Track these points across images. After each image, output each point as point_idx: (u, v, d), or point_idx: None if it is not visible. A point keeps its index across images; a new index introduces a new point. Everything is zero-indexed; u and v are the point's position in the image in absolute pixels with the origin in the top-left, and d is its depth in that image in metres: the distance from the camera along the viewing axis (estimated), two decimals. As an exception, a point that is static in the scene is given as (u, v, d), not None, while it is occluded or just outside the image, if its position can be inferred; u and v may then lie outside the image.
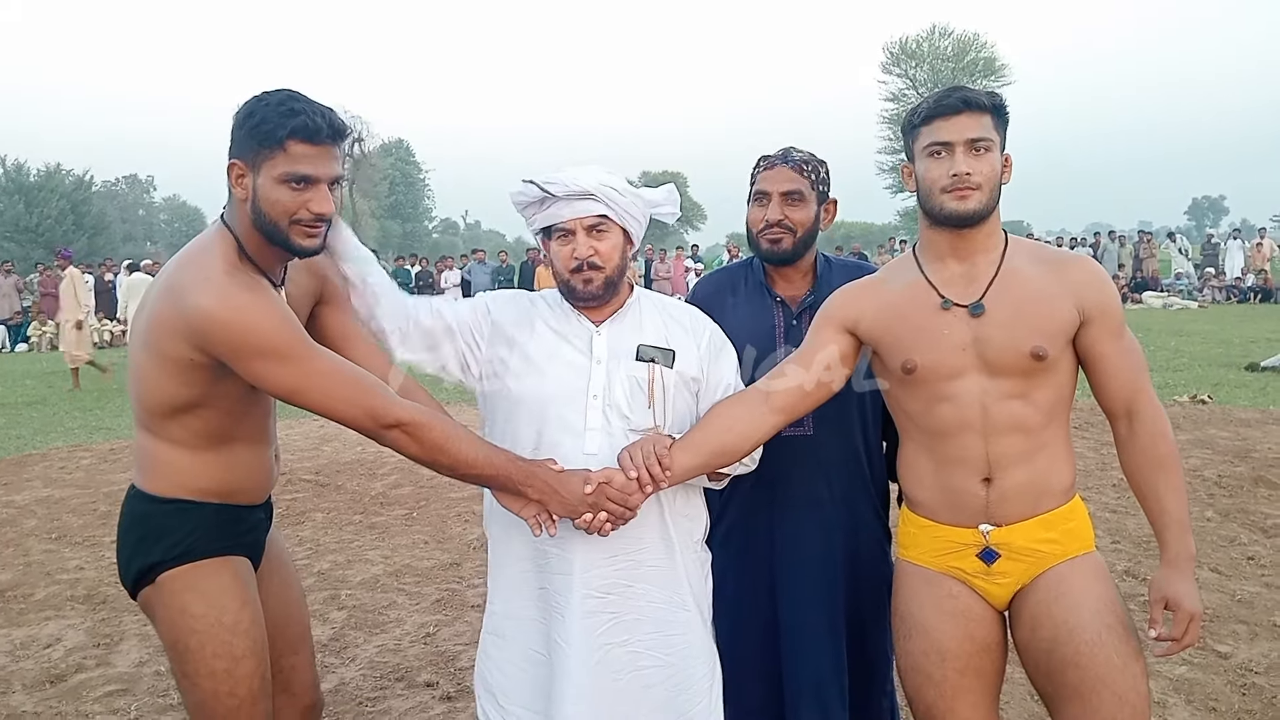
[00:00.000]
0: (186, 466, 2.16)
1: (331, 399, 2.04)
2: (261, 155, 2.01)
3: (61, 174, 57.28)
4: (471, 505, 6.60)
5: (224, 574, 2.19)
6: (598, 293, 2.26)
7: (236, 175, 2.06)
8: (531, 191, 2.25)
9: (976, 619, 2.21)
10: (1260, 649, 3.97)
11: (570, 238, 2.25)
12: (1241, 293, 25.15)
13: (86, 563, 5.62)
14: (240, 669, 2.16)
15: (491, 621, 2.35)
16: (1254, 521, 5.73)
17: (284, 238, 2.06)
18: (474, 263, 25.59)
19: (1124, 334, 2.18)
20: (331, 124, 2.04)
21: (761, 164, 2.70)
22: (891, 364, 2.24)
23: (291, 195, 2.02)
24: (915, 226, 11.44)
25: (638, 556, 2.25)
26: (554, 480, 2.13)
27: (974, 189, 2.11)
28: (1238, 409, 9.31)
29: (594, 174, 2.23)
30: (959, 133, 2.10)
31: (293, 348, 2.01)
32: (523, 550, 2.28)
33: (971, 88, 2.19)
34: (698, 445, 2.20)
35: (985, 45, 45.26)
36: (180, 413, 2.12)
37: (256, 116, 2.01)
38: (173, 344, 2.03)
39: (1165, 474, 2.14)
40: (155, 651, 4.28)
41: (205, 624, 2.14)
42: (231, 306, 1.97)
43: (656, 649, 2.23)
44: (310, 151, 2.01)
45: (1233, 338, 15.82)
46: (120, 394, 12.96)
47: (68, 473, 8.09)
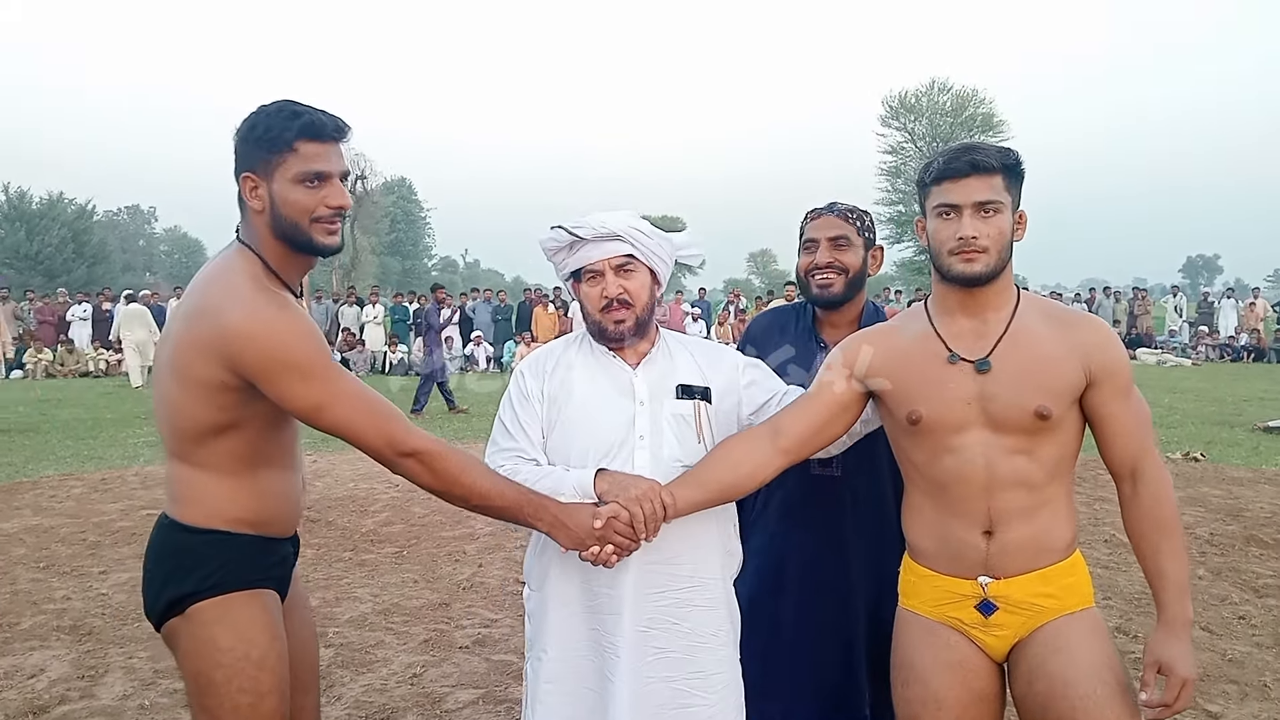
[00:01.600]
0: (220, 494, 2.13)
1: (352, 421, 2.05)
2: (272, 162, 2.05)
3: (64, 203, 57.48)
4: (462, 545, 6.58)
5: (254, 607, 2.15)
6: (628, 331, 2.33)
7: (250, 188, 2.09)
8: (561, 236, 2.33)
9: (973, 670, 2.21)
10: (1250, 709, 3.95)
11: (599, 278, 2.32)
12: (1235, 351, 25.27)
13: (74, 593, 5.58)
14: (264, 705, 2.12)
15: (546, 669, 2.33)
16: (1245, 581, 5.71)
17: (306, 238, 2.09)
18: (476, 301, 25.66)
19: (1131, 395, 2.18)
20: (334, 121, 2.09)
21: (809, 216, 2.80)
22: (898, 413, 2.25)
23: (308, 193, 2.06)
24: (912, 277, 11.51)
25: (686, 594, 2.29)
26: (562, 513, 2.17)
27: (981, 252, 2.12)
28: (1230, 467, 9.33)
29: (621, 217, 2.32)
30: (967, 195, 2.11)
31: (320, 365, 2.03)
32: (572, 594, 2.31)
33: (983, 145, 2.16)
34: (704, 482, 2.23)
35: (984, 100, 45.72)
36: (211, 437, 2.10)
37: (260, 126, 2.05)
38: (204, 366, 2.02)
39: (1166, 537, 2.14)
40: (140, 685, 4.24)
41: (233, 657, 2.10)
42: (262, 320, 1.99)
43: (701, 689, 2.28)
44: (320, 149, 2.06)
45: (1226, 396, 15.87)
46: (113, 424, 12.93)
47: (58, 501, 8.04)
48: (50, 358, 21.95)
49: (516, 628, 4.97)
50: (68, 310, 24.52)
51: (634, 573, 2.25)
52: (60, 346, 22.46)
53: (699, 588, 2.31)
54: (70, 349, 22.45)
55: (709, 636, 2.31)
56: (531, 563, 2.44)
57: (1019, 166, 2.16)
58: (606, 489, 2.20)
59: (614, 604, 2.26)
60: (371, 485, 8.45)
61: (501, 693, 4.19)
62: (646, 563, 2.26)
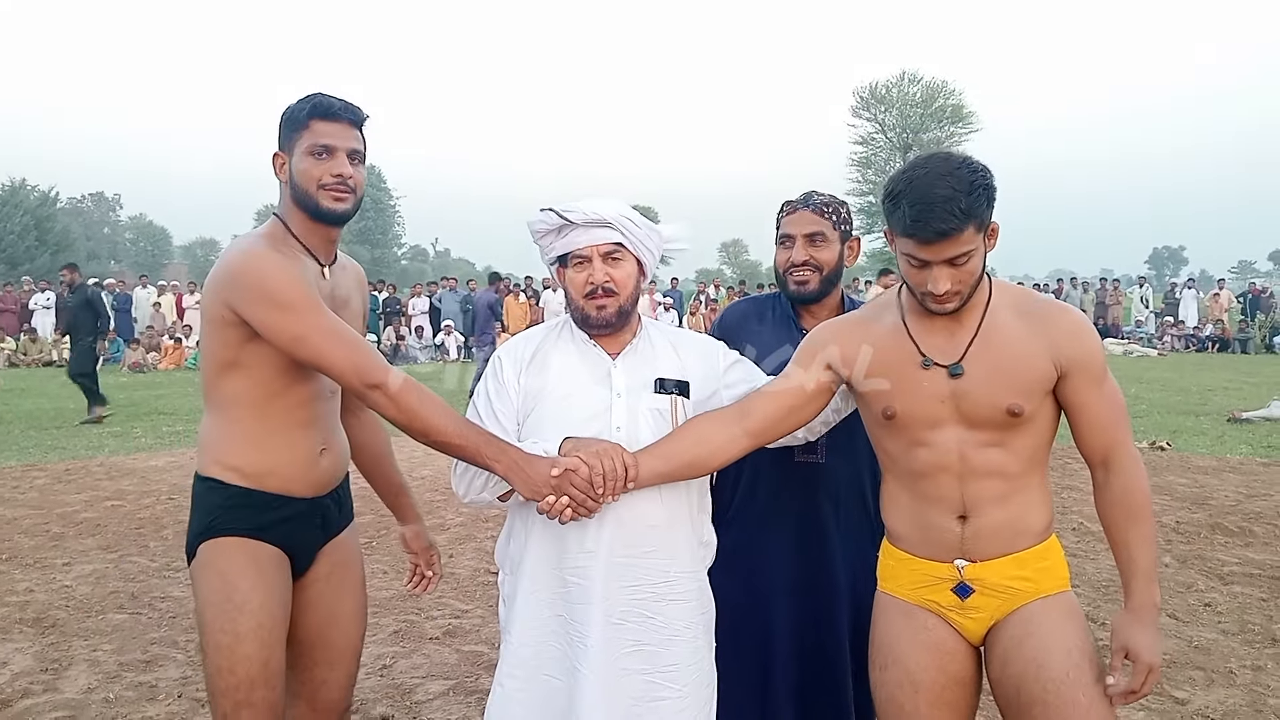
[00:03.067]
0: (220, 441, 2.34)
1: (326, 351, 2.20)
2: (292, 139, 2.34)
3: (26, 189, 56.56)
4: (433, 536, 6.53)
5: (239, 554, 2.28)
6: (611, 319, 2.32)
7: (279, 164, 2.38)
8: (551, 219, 2.31)
9: (950, 652, 2.22)
10: (1216, 695, 4.00)
11: (586, 264, 2.31)
12: (1200, 342, 25.60)
13: (37, 585, 5.49)
14: (241, 648, 2.22)
15: (511, 654, 2.30)
16: (1211, 568, 5.79)
17: (315, 203, 2.33)
18: (444, 290, 25.53)
19: (1104, 384, 2.18)
20: (347, 105, 2.36)
21: (785, 209, 2.78)
22: (873, 408, 2.25)
23: (315, 163, 2.32)
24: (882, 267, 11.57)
25: (660, 588, 2.27)
26: (523, 459, 2.18)
27: (955, 295, 2.09)
28: (1196, 456, 9.46)
29: (612, 204, 2.31)
30: (936, 254, 2.04)
31: (299, 300, 2.21)
32: (543, 579, 2.29)
33: (949, 197, 1.97)
34: (669, 455, 2.22)
35: (953, 93, 46.03)
36: (221, 374, 2.31)
37: (287, 114, 2.36)
38: (213, 304, 2.27)
39: (1137, 524, 2.15)
40: (105, 678, 4.19)
41: (218, 597, 2.25)
42: (250, 256, 2.24)
43: (674, 681, 2.26)
44: (329, 127, 2.32)
45: (1191, 386, 16.09)
46: (76, 414, 12.76)
47: (20, 492, 7.93)
48: (13, 347, 21.64)
49: (487, 618, 4.95)
50: (30, 299, 24.17)
51: (605, 562, 2.23)
52: (23, 335, 22.14)
53: (672, 581, 2.29)
54: (33, 338, 22.14)
55: (682, 629, 2.29)
56: (504, 547, 2.42)
57: (989, 199, 2.02)
58: (570, 449, 2.19)
59: (584, 593, 2.23)
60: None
61: (472, 684, 4.17)
62: (619, 555, 2.24)
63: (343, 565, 2.54)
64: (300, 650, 2.48)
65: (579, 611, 2.23)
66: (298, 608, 2.44)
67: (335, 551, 2.52)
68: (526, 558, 2.31)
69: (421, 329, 23.47)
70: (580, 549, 2.24)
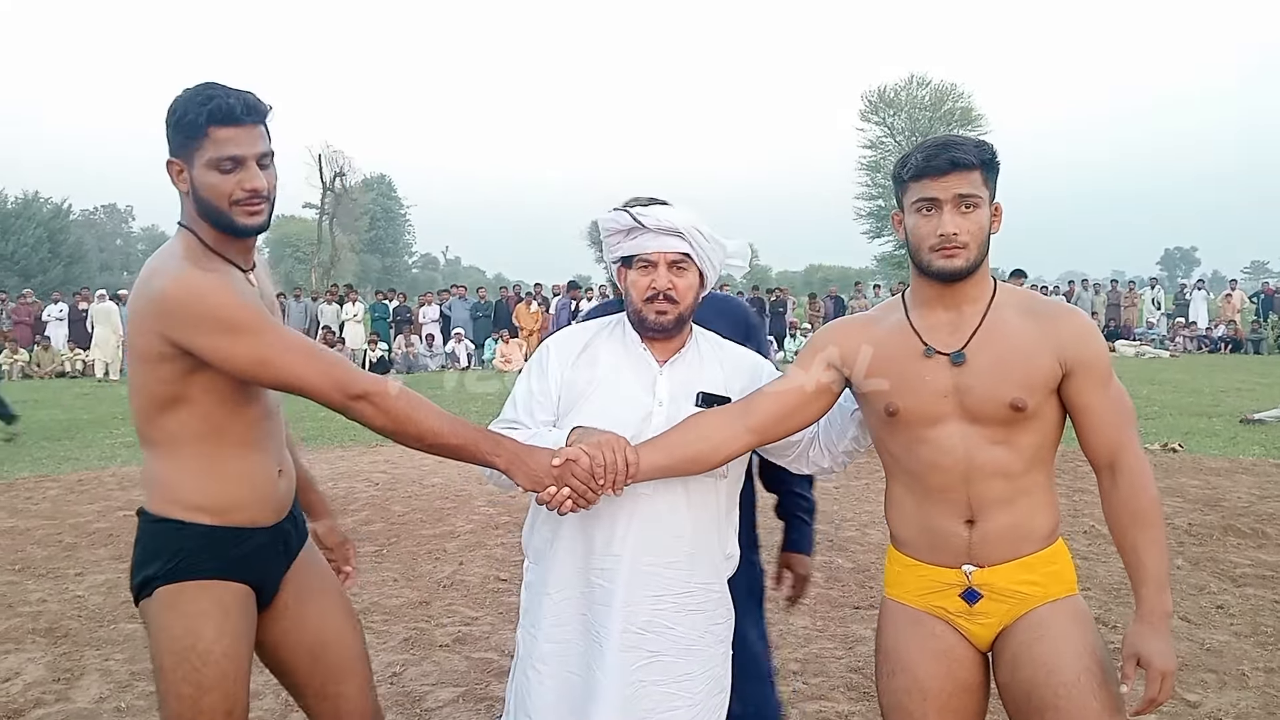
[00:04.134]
0: (175, 479, 2.17)
1: (296, 371, 2.07)
2: (190, 147, 2.09)
3: (39, 202, 56.91)
4: (442, 543, 6.55)
5: (204, 599, 2.15)
6: (669, 326, 2.34)
7: (176, 172, 2.14)
8: (623, 220, 2.33)
9: (958, 659, 2.21)
10: (1229, 698, 3.97)
11: (652, 269, 2.33)
12: (1212, 343, 25.47)
13: (49, 595, 5.51)
14: (205, 700, 2.12)
15: (534, 650, 2.33)
16: (1223, 570, 5.75)
17: (228, 220, 2.12)
18: (454, 298, 25.58)
19: (1109, 386, 2.18)
20: (247, 103, 2.10)
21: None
22: (876, 405, 2.25)
23: (223, 178, 2.09)
24: (892, 271, 11.52)
25: (682, 599, 2.28)
26: (523, 451, 2.17)
27: (961, 248, 2.12)
28: (1208, 458, 9.40)
29: (685, 214, 2.34)
30: (947, 191, 2.10)
31: (249, 321, 2.05)
32: (570, 576, 2.30)
33: (961, 140, 2.16)
34: (670, 449, 2.22)
35: (963, 95, 45.91)
36: (159, 412, 2.14)
37: (178, 111, 2.09)
38: (143, 338, 2.08)
39: (1145, 528, 2.14)
40: (116, 688, 4.20)
41: (179, 646, 2.12)
42: (185, 283, 2.04)
43: (688, 690, 2.27)
44: (231, 133, 2.08)
45: (1204, 387, 16.00)
46: (89, 425, 12.82)
47: (34, 503, 7.96)
48: (26, 358, 21.75)
49: (497, 625, 4.95)
50: (44, 310, 24.29)
51: (630, 568, 2.23)
52: (36, 347, 22.25)
53: (693, 591, 2.30)
54: (46, 349, 22.24)
55: (697, 639, 2.30)
56: (529, 534, 2.43)
57: (995, 160, 2.16)
58: (575, 439, 2.19)
59: (606, 595, 2.24)
60: (351, 484, 8.40)
61: (482, 691, 4.17)
62: (644, 562, 2.25)
63: (316, 579, 2.44)
64: (300, 678, 2.41)
65: (600, 614, 2.24)
66: (278, 639, 2.36)
67: (299, 574, 2.39)
68: (556, 551, 2.32)
69: (432, 337, 23.50)
70: (607, 551, 2.25)
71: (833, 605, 5.27)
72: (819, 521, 3.06)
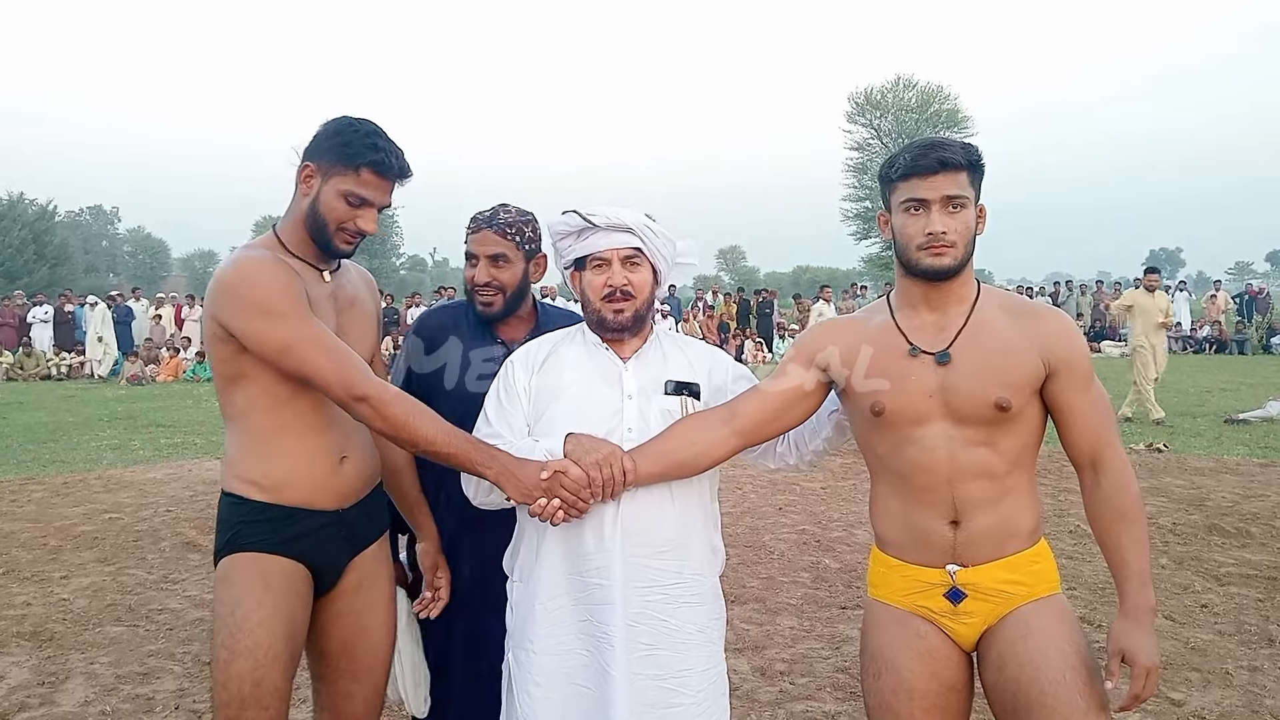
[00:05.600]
0: (237, 456, 2.32)
1: (313, 362, 2.19)
2: (335, 169, 2.29)
3: (24, 203, 56.57)
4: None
5: (249, 570, 2.26)
6: (628, 323, 2.35)
7: (305, 175, 2.33)
8: (573, 221, 2.34)
9: (943, 659, 2.22)
10: (1213, 696, 4.00)
11: (606, 267, 2.34)
12: (1197, 343, 25.60)
13: (34, 598, 5.49)
14: (234, 666, 2.18)
15: (530, 667, 2.29)
16: (1207, 569, 5.80)
17: (327, 239, 2.33)
18: (442, 300, 25.55)
19: (1091, 386, 2.20)
20: (401, 166, 2.33)
21: (471, 225, 2.79)
22: (862, 405, 2.26)
23: (347, 209, 2.30)
24: (879, 273, 11.53)
25: (674, 590, 2.29)
26: (512, 464, 2.20)
27: (949, 246, 2.14)
28: (1193, 458, 9.47)
29: (633, 212, 2.35)
30: (935, 191, 2.13)
31: (285, 308, 2.20)
32: (560, 585, 2.29)
33: (947, 142, 2.18)
34: (660, 455, 2.23)
35: (949, 97, 46.07)
36: (229, 388, 2.31)
37: (344, 138, 2.29)
38: (209, 320, 2.27)
39: (1127, 526, 2.16)
40: (102, 691, 4.18)
41: (223, 611, 2.23)
42: (237, 267, 2.23)
43: (686, 687, 2.27)
44: (377, 182, 2.31)
45: (1188, 387, 16.11)
46: (74, 427, 12.75)
47: (18, 506, 7.92)
48: (10, 360, 21.62)
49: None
50: (28, 312, 24.14)
51: (621, 559, 2.23)
52: (20, 349, 22.12)
53: (685, 582, 2.30)
54: (30, 351, 22.11)
55: (694, 633, 2.30)
56: (512, 556, 2.42)
57: (981, 162, 2.19)
58: (572, 449, 2.20)
59: (606, 593, 2.24)
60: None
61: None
62: (633, 553, 2.25)
63: (371, 579, 2.49)
64: (326, 662, 2.46)
65: (603, 613, 2.24)
66: (325, 620, 2.42)
67: (364, 564, 2.46)
68: (541, 565, 2.31)
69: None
70: (599, 549, 2.25)
71: (820, 605, 5.28)
72: (807, 522, 3.07)
